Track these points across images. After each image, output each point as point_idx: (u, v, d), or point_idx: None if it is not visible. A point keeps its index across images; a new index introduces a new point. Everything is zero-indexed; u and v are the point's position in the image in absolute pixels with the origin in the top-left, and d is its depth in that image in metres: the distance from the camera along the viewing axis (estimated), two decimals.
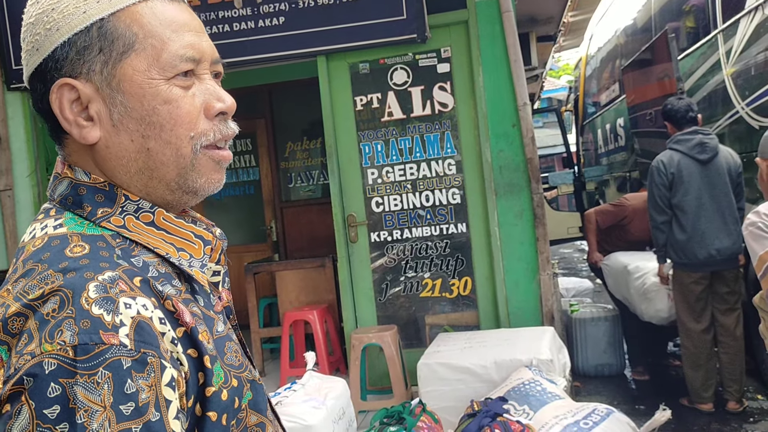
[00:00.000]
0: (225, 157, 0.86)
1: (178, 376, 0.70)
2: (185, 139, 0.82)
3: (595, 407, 3.06)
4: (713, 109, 4.99)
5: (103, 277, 0.71)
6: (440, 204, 4.60)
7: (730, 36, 4.65)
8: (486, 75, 4.44)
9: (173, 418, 0.68)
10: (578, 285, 6.56)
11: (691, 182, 4.10)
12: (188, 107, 0.82)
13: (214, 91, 0.85)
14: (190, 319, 0.76)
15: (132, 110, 0.81)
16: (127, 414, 0.65)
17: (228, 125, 0.86)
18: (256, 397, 0.81)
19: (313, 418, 2.83)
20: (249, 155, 6.94)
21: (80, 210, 0.81)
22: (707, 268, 4.11)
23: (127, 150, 0.82)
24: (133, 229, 0.81)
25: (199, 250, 0.85)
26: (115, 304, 0.69)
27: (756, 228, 2.29)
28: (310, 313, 4.82)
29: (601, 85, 9.31)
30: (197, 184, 0.84)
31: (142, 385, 0.67)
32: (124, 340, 0.67)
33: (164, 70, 0.81)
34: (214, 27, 4.53)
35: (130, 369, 0.66)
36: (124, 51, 0.80)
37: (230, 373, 0.78)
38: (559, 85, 18.32)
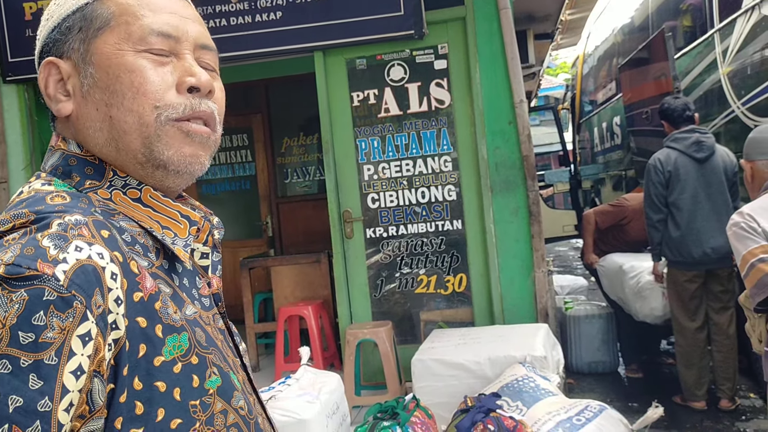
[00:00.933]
0: (196, 131, 0.84)
1: (97, 335, 0.66)
2: (148, 108, 0.81)
3: (588, 404, 3.07)
4: (709, 109, 5.00)
5: (69, 218, 0.71)
6: (436, 201, 4.60)
7: (726, 35, 4.66)
8: (483, 72, 4.44)
9: (70, 371, 0.65)
10: (573, 282, 6.58)
11: (687, 180, 4.11)
12: (154, 78, 0.82)
13: (189, 67, 0.84)
14: (151, 285, 0.75)
15: (99, 80, 0.82)
16: (22, 343, 0.63)
17: (202, 102, 0.84)
18: (225, 385, 0.79)
19: (307, 413, 2.84)
20: (245, 150, 6.94)
21: (69, 180, 0.82)
22: (702, 266, 4.12)
23: (93, 119, 0.83)
24: (119, 203, 0.82)
25: (184, 230, 0.85)
26: (67, 242, 0.68)
27: (739, 228, 2.31)
28: (305, 308, 4.83)
29: (597, 84, 9.32)
30: (164, 156, 0.82)
31: (55, 324, 0.64)
32: (58, 274, 0.65)
33: (134, 42, 0.82)
34: (211, 21, 4.52)
35: (49, 303, 0.64)
36: (99, 27, 0.83)
37: (194, 349, 0.76)
38: (557, 83, 18.32)
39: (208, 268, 0.91)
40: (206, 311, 0.86)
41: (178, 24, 0.85)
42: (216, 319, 0.88)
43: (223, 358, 0.83)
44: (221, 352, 0.83)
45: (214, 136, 0.87)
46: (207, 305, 0.87)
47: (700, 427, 4.03)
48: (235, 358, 0.88)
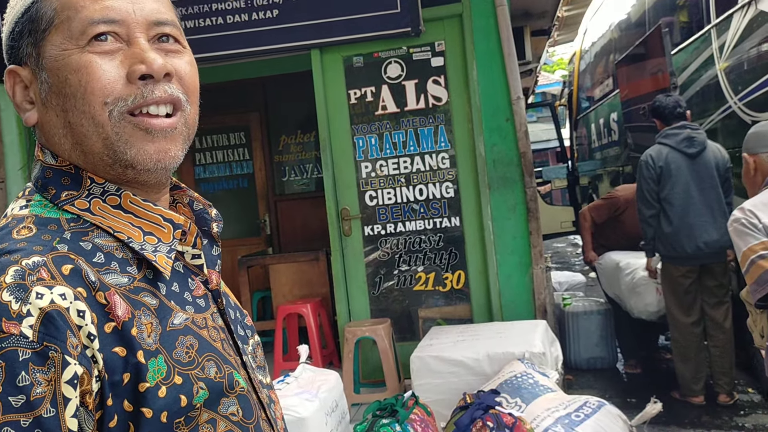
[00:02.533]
0: (155, 125, 0.79)
1: (83, 374, 0.67)
2: (98, 107, 0.77)
3: (587, 400, 3.08)
4: (706, 104, 5.01)
5: (26, 262, 0.69)
6: (434, 198, 4.60)
7: (723, 31, 4.66)
8: (480, 69, 4.44)
9: (70, 416, 0.66)
10: (571, 279, 6.59)
11: (679, 176, 4.13)
12: (101, 73, 0.77)
13: (139, 54, 0.79)
14: (124, 312, 0.73)
15: (52, 85, 0.79)
16: (16, 406, 0.63)
17: (156, 88, 0.79)
18: (213, 395, 0.77)
19: (306, 411, 2.84)
20: (243, 149, 6.93)
21: (46, 193, 0.80)
22: (695, 261, 4.14)
23: (55, 126, 0.80)
24: (98, 212, 0.79)
25: (168, 234, 0.82)
26: (27, 292, 0.66)
27: (739, 224, 2.31)
28: (304, 306, 4.83)
29: (594, 80, 9.32)
30: (127, 156, 0.79)
31: (40, 378, 0.64)
32: (25, 331, 0.65)
33: (76, 38, 0.78)
34: (208, 19, 4.51)
35: (27, 361, 0.64)
36: (45, 28, 0.80)
37: (174, 370, 0.74)
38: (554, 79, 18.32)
39: (202, 266, 0.88)
40: (201, 313, 0.83)
41: (122, 6, 0.80)
42: (215, 318, 0.85)
43: (224, 360, 0.81)
44: (221, 355, 0.81)
45: (181, 123, 0.83)
46: (203, 306, 0.84)
47: (698, 422, 4.04)
48: (235, 357, 0.85)
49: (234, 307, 0.94)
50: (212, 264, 0.89)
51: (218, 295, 0.88)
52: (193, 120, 0.86)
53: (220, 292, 0.89)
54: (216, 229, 0.92)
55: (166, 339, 0.76)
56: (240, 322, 0.93)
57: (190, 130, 0.85)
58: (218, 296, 0.88)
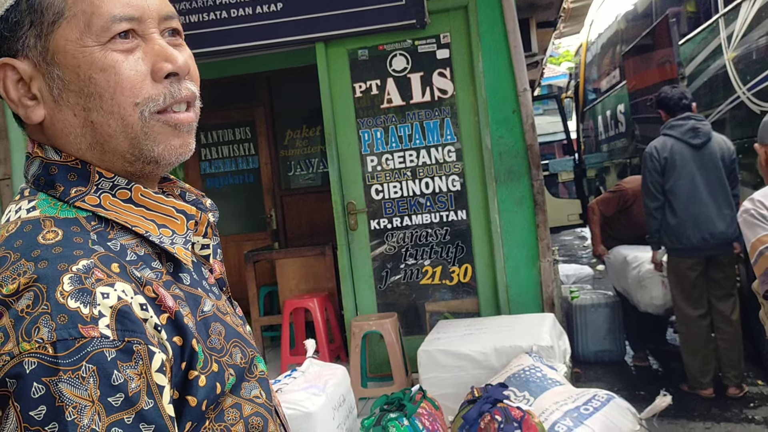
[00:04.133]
0: (182, 120, 0.80)
1: (166, 360, 0.68)
2: (129, 107, 0.76)
3: (596, 393, 3.06)
4: (714, 95, 4.96)
5: (77, 267, 0.68)
6: (440, 191, 4.58)
7: (731, 21, 4.62)
8: (486, 61, 4.41)
9: (168, 403, 0.67)
10: (578, 271, 6.56)
11: (684, 167, 4.11)
12: (129, 72, 0.76)
13: (162, 51, 0.78)
14: (173, 303, 0.73)
15: (69, 83, 0.76)
16: (116, 405, 0.63)
17: (181, 86, 0.79)
18: (237, 381, 0.78)
19: (313, 405, 2.83)
20: (248, 143, 6.91)
21: (53, 190, 0.77)
22: (701, 252, 4.11)
23: (72, 125, 0.78)
24: (110, 207, 0.77)
25: (182, 225, 0.81)
26: (92, 295, 0.66)
27: (749, 215, 2.28)
28: (311, 300, 4.82)
29: (601, 72, 9.27)
30: (155, 153, 0.79)
31: (131, 374, 0.65)
32: (104, 332, 0.65)
33: (97, 35, 0.76)
34: (212, 13, 4.50)
35: (115, 360, 0.64)
36: (54, 21, 0.76)
37: (211, 358, 0.75)
38: (560, 71, 18.24)
39: (208, 256, 0.89)
40: (219, 300, 0.85)
41: (139, 2, 0.78)
42: (229, 305, 0.87)
43: (247, 344, 0.82)
44: (244, 339, 0.83)
45: (196, 116, 0.83)
46: (217, 294, 0.86)
47: (708, 414, 4.01)
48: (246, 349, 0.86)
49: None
50: (214, 254, 0.90)
51: (223, 283, 0.90)
52: (198, 112, 0.86)
53: (224, 280, 0.90)
54: (212, 218, 0.91)
55: (201, 328, 0.77)
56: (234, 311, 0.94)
57: (197, 122, 0.86)
58: (224, 284, 0.90)
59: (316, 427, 2.80)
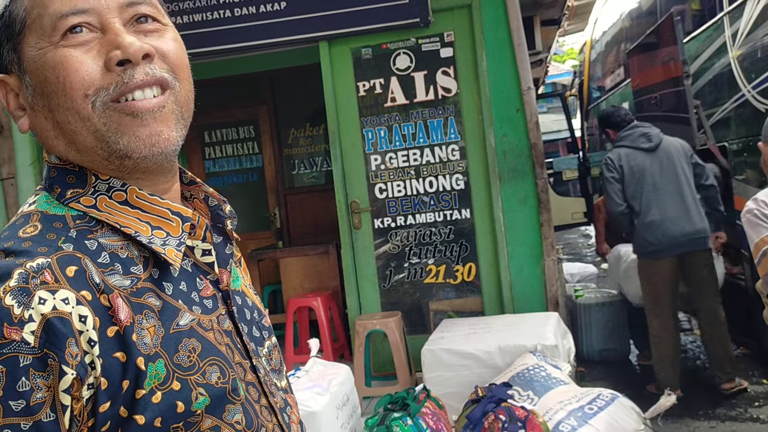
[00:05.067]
0: (140, 108, 0.76)
1: (74, 380, 0.66)
2: (80, 100, 0.75)
3: (600, 392, 3.06)
4: (719, 93, 4.95)
5: (31, 265, 0.68)
6: (444, 190, 4.57)
7: (736, 18, 4.60)
8: (489, 59, 4.40)
9: (67, 422, 0.66)
10: (583, 270, 6.55)
11: (642, 172, 4.18)
12: (77, 65, 0.75)
13: (114, 40, 0.76)
14: (126, 317, 0.71)
15: (35, 87, 0.78)
16: (16, 410, 0.63)
17: (136, 72, 0.76)
18: (215, 402, 0.75)
19: (317, 405, 2.83)
20: (252, 142, 6.91)
21: (52, 192, 0.79)
22: (673, 250, 4.12)
23: (46, 129, 0.79)
24: (105, 209, 0.78)
25: (176, 228, 0.80)
26: (30, 296, 0.66)
27: (752, 215, 2.27)
28: (314, 299, 4.82)
29: (606, 70, 9.24)
30: (120, 146, 0.76)
31: (40, 384, 0.64)
32: (27, 337, 0.64)
33: (49, 35, 0.76)
34: (215, 12, 4.49)
35: (27, 367, 0.64)
36: (20, 31, 0.78)
37: (173, 375, 0.72)
38: (564, 69, 18.20)
39: (213, 264, 0.85)
40: (207, 315, 0.80)
41: None
42: (221, 321, 0.82)
43: (229, 365, 0.79)
44: (226, 360, 0.79)
45: (171, 101, 0.79)
46: (210, 307, 0.81)
47: (713, 414, 4.00)
48: (243, 360, 0.83)
49: (251, 307, 0.91)
50: (224, 263, 0.86)
51: (228, 296, 0.85)
52: (186, 97, 0.82)
53: (230, 292, 0.85)
54: (230, 225, 0.89)
55: (169, 342, 0.74)
56: (257, 322, 0.90)
57: (184, 109, 0.81)
58: (228, 297, 0.85)
59: (320, 426, 2.80)
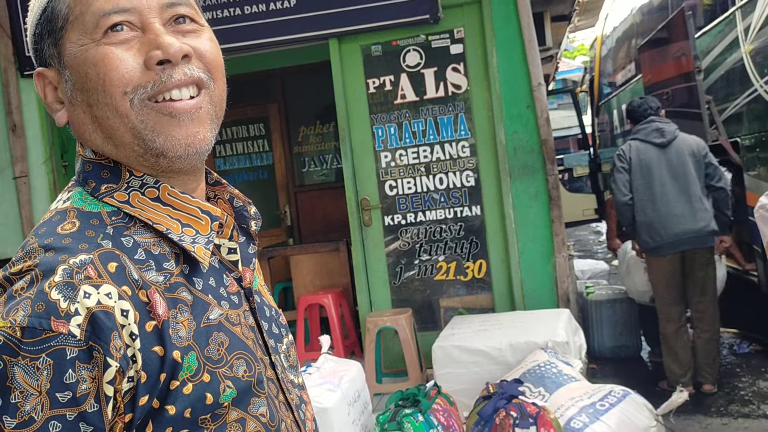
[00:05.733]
0: (179, 108, 0.79)
1: (117, 372, 0.68)
2: (119, 97, 0.77)
3: (612, 389, 3.05)
4: (731, 88, 4.91)
5: (74, 261, 0.70)
6: (454, 187, 4.57)
7: (748, 13, 4.56)
8: (500, 56, 4.39)
9: (111, 413, 0.68)
10: (594, 267, 6.53)
11: (651, 166, 4.17)
12: (117, 62, 0.77)
13: (154, 39, 0.78)
14: (164, 311, 0.74)
15: (75, 82, 0.80)
16: (62, 402, 0.66)
17: (174, 72, 0.78)
18: (241, 395, 0.77)
19: (329, 401, 2.84)
20: (262, 140, 6.93)
21: (87, 186, 0.81)
22: (676, 247, 4.12)
23: (84, 123, 0.81)
24: (137, 204, 0.80)
25: (206, 226, 0.82)
26: (75, 291, 0.68)
27: (765, 210, 2.27)
28: (325, 296, 4.83)
29: (616, 65, 9.19)
30: (157, 144, 0.78)
31: (85, 375, 0.66)
32: (74, 330, 0.67)
33: (91, 33, 0.78)
34: (225, 11, 4.51)
35: (74, 359, 0.66)
36: (62, 27, 0.80)
37: (204, 367, 0.75)
38: (574, 65, 18.11)
39: (237, 262, 0.87)
40: (235, 310, 0.83)
41: None
42: (246, 316, 0.85)
43: (255, 359, 0.81)
44: (252, 353, 0.81)
45: (206, 102, 0.82)
46: (236, 303, 0.84)
47: (725, 411, 3.98)
48: (264, 357, 0.85)
49: (269, 306, 0.93)
50: (247, 262, 0.89)
51: (250, 293, 0.88)
52: (219, 97, 0.85)
53: (252, 290, 0.88)
54: (254, 227, 0.92)
55: (200, 335, 0.76)
56: (275, 320, 0.93)
57: (217, 108, 0.84)
58: (250, 295, 0.88)
59: (331, 422, 2.81)
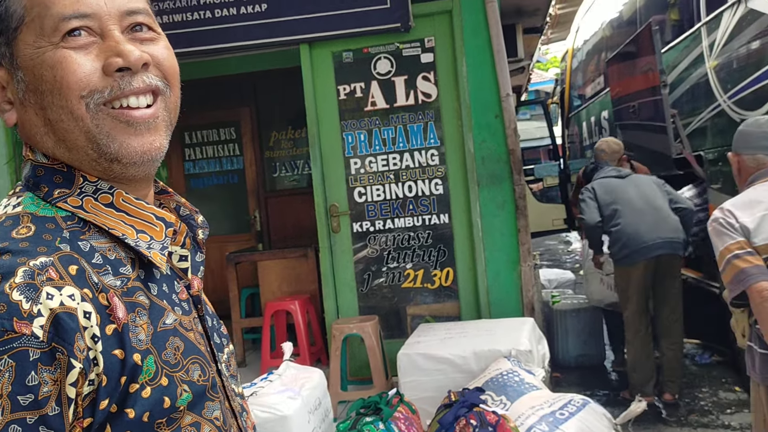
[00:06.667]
0: (136, 117, 0.79)
1: (80, 374, 0.68)
2: (75, 100, 0.77)
3: (572, 398, 3.07)
4: (696, 102, 5.00)
5: (34, 263, 0.69)
6: (423, 194, 4.58)
7: (713, 29, 4.66)
8: (469, 66, 4.42)
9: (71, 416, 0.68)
10: (560, 276, 6.59)
11: (616, 189, 4.38)
12: (75, 66, 0.77)
13: (115, 47, 0.78)
14: (123, 315, 0.73)
15: (29, 83, 0.79)
16: (23, 405, 0.65)
17: (133, 79, 0.78)
18: (196, 398, 0.78)
19: (289, 409, 2.82)
20: (233, 144, 6.89)
21: (38, 191, 0.80)
22: (649, 252, 4.19)
23: (36, 125, 0.80)
24: (91, 210, 0.79)
25: (160, 233, 0.82)
26: (38, 292, 0.67)
27: (718, 224, 2.31)
28: (292, 303, 4.81)
29: (586, 78, 9.32)
30: (111, 150, 0.78)
31: (47, 378, 0.66)
32: (36, 331, 0.66)
33: (49, 35, 0.77)
34: (196, 13, 4.48)
35: (36, 361, 0.65)
36: (16, 27, 0.79)
37: (162, 371, 0.75)
38: (547, 77, 18.31)
39: (187, 270, 0.88)
40: (187, 316, 0.84)
41: (92, 0, 0.79)
42: (196, 323, 0.85)
43: (208, 364, 0.82)
44: (206, 358, 0.82)
45: (162, 110, 0.82)
46: (187, 309, 0.85)
47: (685, 420, 4.04)
48: (212, 363, 0.85)
49: (211, 315, 0.94)
50: (195, 270, 0.90)
51: (198, 301, 0.88)
52: (175, 104, 0.85)
53: (200, 298, 0.89)
54: (201, 235, 0.92)
55: (158, 339, 0.76)
56: (216, 330, 0.93)
57: (172, 116, 0.84)
58: (199, 302, 0.88)
59: (291, 430, 2.79)
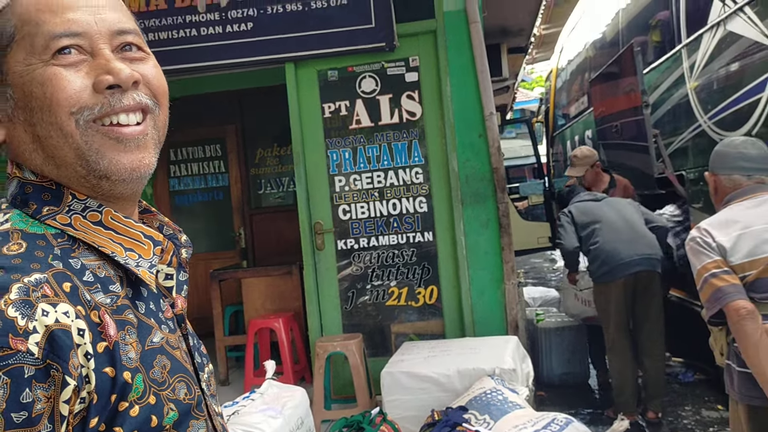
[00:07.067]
0: (126, 134, 0.80)
1: (73, 392, 0.68)
2: (65, 116, 0.77)
3: (555, 417, 3.07)
4: (677, 123, 5.06)
5: (29, 279, 0.69)
6: (407, 212, 4.59)
7: (693, 50, 4.73)
8: (453, 85, 4.46)
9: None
10: (545, 294, 6.60)
11: (593, 210, 4.44)
12: (65, 83, 0.77)
13: (105, 64, 0.79)
14: (115, 332, 0.74)
15: (18, 100, 0.79)
16: (17, 422, 0.64)
17: (123, 97, 0.79)
18: (182, 417, 0.78)
19: (270, 428, 2.80)
20: (218, 161, 6.88)
21: (26, 208, 0.80)
22: (629, 269, 4.21)
23: (24, 142, 0.80)
24: (80, 228, 0.79)
25: (148, 251, 0.82)
26: (33, 308, 0.67)
27: (695, 243, 2.33)
28: (276, 320, 4.78)
29: (570, 98, 9.42)
30: (101, 167, 0.79)
31: (41, 395, 0.65)
32: (32, 348, 0.66)
33: (40, 53, 0.78)
34: (181, 31, 4.49)
35: (31, 378, 0.65)
36: (6, 45, 0.79)
37: (150, 389, 0.75)
38: (532, 96, 18.46)
39: (171, 289, 0.89)
40: (173, 334, 0.84)
41: (83, 18, 0.80)
42: (181, 341, 0.87)
43: (194, 382, 0.83)
44: (191, 377, 0.83)
45: (151, 128, 0.83)
46: (172, 328, 0.85)
47: None
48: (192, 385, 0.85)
49: (193, 334, 0.95)
50: (179, 289, 0.91)
51: (182, 319, 0.89)
52: (163, 122, 0.86)
53: (184, 317, 0.90)
54: (185, 255, 0.92)
55: (146, 357, 0.77)
56: (198, 349, 0.94)
57: (161, 134, 0.85)
58: (182, 321, 0.89)
59: None
